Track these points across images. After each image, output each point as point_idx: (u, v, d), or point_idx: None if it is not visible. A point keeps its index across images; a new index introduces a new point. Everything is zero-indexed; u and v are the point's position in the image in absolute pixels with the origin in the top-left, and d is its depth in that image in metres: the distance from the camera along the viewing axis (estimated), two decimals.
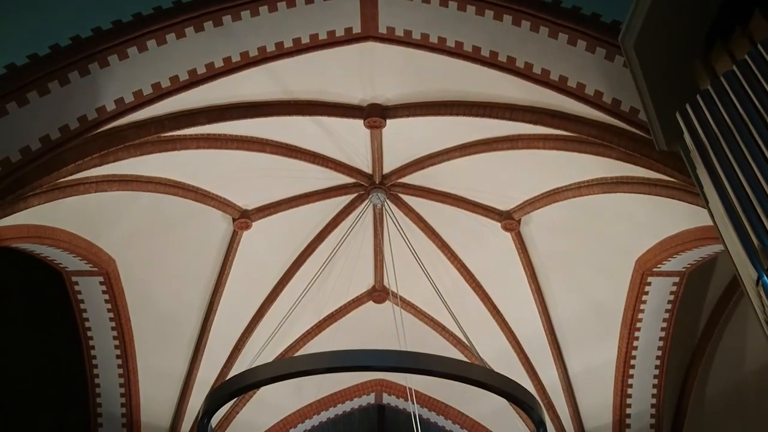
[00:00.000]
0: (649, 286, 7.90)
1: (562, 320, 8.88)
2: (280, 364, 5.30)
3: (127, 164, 6.53)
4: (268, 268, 8.93)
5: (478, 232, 8.61)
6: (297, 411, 10.37)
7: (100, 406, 8.81)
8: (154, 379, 8.97)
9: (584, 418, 9.18)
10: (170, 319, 8.81)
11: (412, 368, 4.90)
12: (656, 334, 8.27)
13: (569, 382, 9.14)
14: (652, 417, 8.80)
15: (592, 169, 6.91)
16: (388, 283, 9.26)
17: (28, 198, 5.67)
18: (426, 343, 9.26)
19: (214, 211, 8.04)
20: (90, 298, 8.21)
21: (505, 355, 9.23)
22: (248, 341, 9.21)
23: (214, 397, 5.17)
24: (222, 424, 9.72)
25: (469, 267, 9.01)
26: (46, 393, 10.16)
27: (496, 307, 9.18)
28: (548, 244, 8.39)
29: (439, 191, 8.27)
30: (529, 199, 7.97)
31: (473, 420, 10.26)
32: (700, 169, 3.27)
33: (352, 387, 10.52)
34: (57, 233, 6.88)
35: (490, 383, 4.94)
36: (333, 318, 9.87)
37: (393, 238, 8.20)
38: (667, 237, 7.24)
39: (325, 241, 8.67)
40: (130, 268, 8.16)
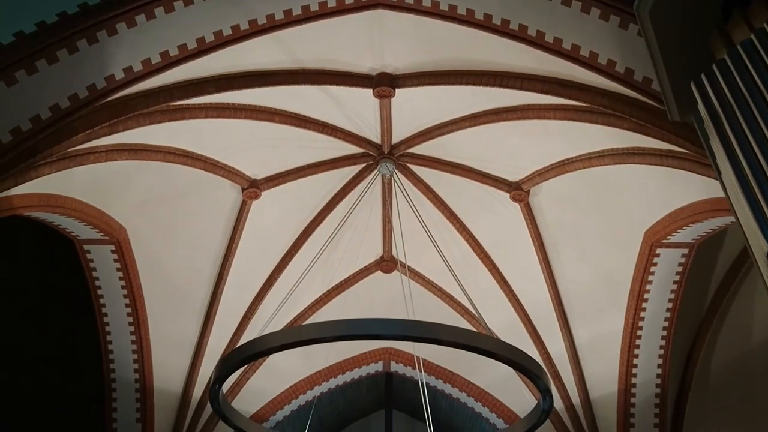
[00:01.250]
0: (657, 257, 7.89)
1: (570, 291, 8.91)
2: (290, 332, 5.37)
3: (136, 133, 6.54)
4: (277, 238, 8.98)
5: (486, 203, 8.59)
6: (306, 378, 10.55)
7: (114, 372, 8.99)
8: (165, 346, 9.12)
9: (590, 387, 9.29)
10: (181, 287, 8.92)
11: (421, 337, 4.96)
12: (663, 306, 8.29)
13: (575, 352, 9.22)
14: (657, 387, 8.88)
15: (602, 139, 6.85)
16: (397, 253, 9.30)
17: (39, 167, 5.70)
18: (433, 312, 9.34)
19: (223, 180, 8.06)
20: (102, 267, 8.30)
21: (512, 325, 9.30)
22: (258, 310, 9.33)
23: (225, 363, 5.26)
24: (233, 389, 9.91)
25: (478, 237, 9.02)
26: (60, 359, 10.37)
27: (503, 278, 9.22)
28: (557, 215, 8.38)
29: (447, 162, 8.24)
30: (538, 170, 7.93)
31: (479, 388, 10.40)
32: (714, 140, 3.23)
33: (361, 355, 10.67)
34: (68, 202, 6.93)
35: (497, 352, 4.99)
36: (341, 287, 9.95)
37: (401, 209, 8.21)
38: (677, 209, 7.20)
39: (334, 211, 8.69)
40: (140, 237, 8.23)
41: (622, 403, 8.96)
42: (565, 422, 9.62)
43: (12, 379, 10.56)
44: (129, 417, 9.12)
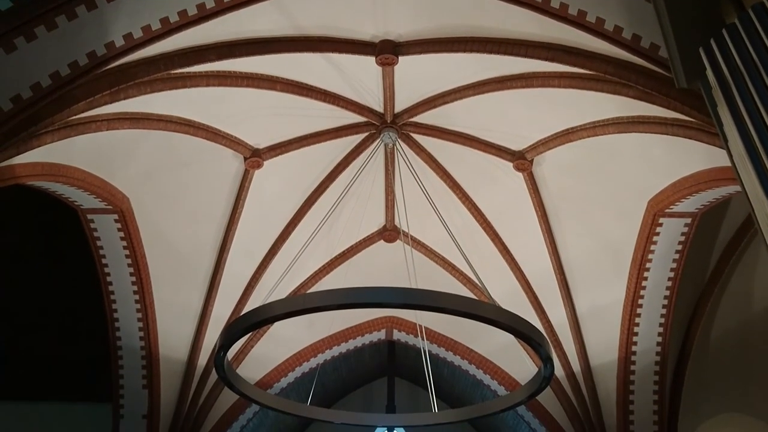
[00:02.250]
0: (660, 227, 7.90)
1: (572, 260, 8.94)
2: (294, 300, 5.41)
3: (137, 102, 6.49)
4: (279, 207, 8.99)
5: (489, 172, 8.56)
6: (309, 346, 10.68)
7: (120, 339, 9.10)
8: (170, 314, 9.21)
9: (590, 355, 9.39)
10: (184, 256, 8.97)
11: (423, 305, 4.99)
12: (665, 275, 8.33)
13: (577, 321, 9.30)
14: (657, 355, 8.99)
15: (607, 108, 6.79)
16: (399, 222, 9.32)
17: (41, 135, 5.68)
18: (436, 281, 9.39)
19: (226, 149, 8.02)
20: (105, 236, 8.33)
21: (514, 294, 9.35)
22: (261, 278, 9.38)
23: (230, 331, 5.31)
24: (237, 357, 10.04)
25: (480, 207, 9.01)
26: (67, 327, 10.50)
27: (506, 247, 9.24)
28: (560, 185, 8.35)
29: (451, 130, 8.17)
30: (542, 139, 7.87)
31: (481, 356, 10.52)
32: (721, 107, 3.19)
33: (364, 323, 10.77)
34: (71, 171, 6.92)
35: (499, 320, 5.02)
36: (344, 257, 9.99)
37: (404, 178, 8.19)
38: (681, 178, 7.18)
39: (337, 181, 8.67)
40: (143, 206, 8.24)
41: (622, 371, 9.07)
42: (565, 389, 9.76)
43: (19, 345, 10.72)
44: (135, 384, 9.27)
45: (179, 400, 9.64)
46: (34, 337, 10.63)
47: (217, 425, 10.03)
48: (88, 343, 10.18)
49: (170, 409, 9.58)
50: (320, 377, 11.81)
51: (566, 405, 9.79)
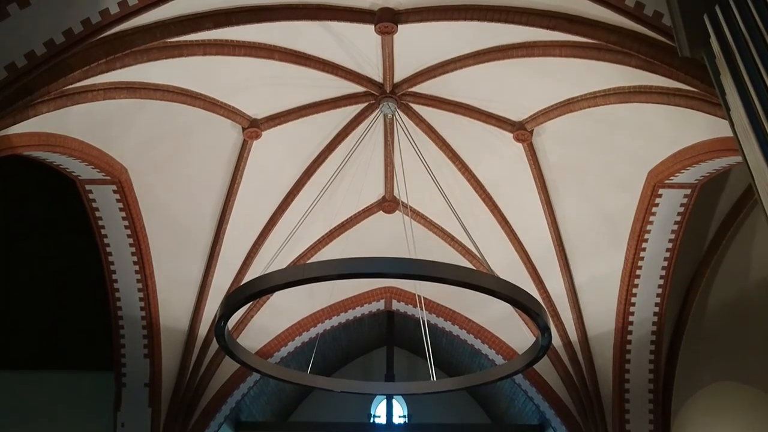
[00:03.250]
0: (659, 198, 7.89)
1: (571, 231, 8.96)
2: (293, 270, 5.42)
3: (134, 71, 6.42)
4: (278, 178, 8.97)
5: (489, 143, 8.52)
6: (309, 316, 10.76)
7: (121, 310, 9.16)
8: (170, 284, 9.26)
9: (587, 325, 9.48)
10: (184, 227, 8.98)
11: (422, 275, 5.00)
12: (664, 246, 8.36)
13: (575, 291, 9.36)
14: (654, 324, 9.07)
15: (609, 78, 6.72)
16: (398, 193, 9.30)
17: (37, 105, 5.63)
18: (435, 252, 9.42)
19: (224, 120, 7.96)
20: (104, 207, 8.32)
21: (512, 265, 9.40)
22: (261, 249, 9.42)
23: (230, 300, 5.34)
24: (237, 327, 10.13)
25: (480, 178, 8.99)
26: (69, 297, 10.56)
27: (505, 218, 9.25)
28: (560, 156, 8.32)
29: (450, 101, 8.10)
30: (542, 110, 7.81)
31: (479, 325, 10.61)
32: (725, 76, 3.16)
33: (363, 294, 10.83)
34: (68, 141, 6.88)
35: (498, 290, 5.05)
36: (343, 227, 10.00)
37: (403, 149, 8.14)
38: (681, 149, 7.15)
39: (336, 151, 8.63)
40: (142, 177, 8.22)
41: (618, 341, 9.17)
42: (562, 359, 9.88)
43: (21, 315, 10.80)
44: (137, 353, 9.36)
45: (180, 369, 9.75)
46: (36, 307, 10.70)
47: (219, 393, 10.17)
48: (89, 313, 10.27)
49: (172, 378, 9.70)
50: (320, 347, 11.93)
51: (563, 374, 9.92)
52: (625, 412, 9.37)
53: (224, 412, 10.31)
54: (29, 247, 10.29)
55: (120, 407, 9.54)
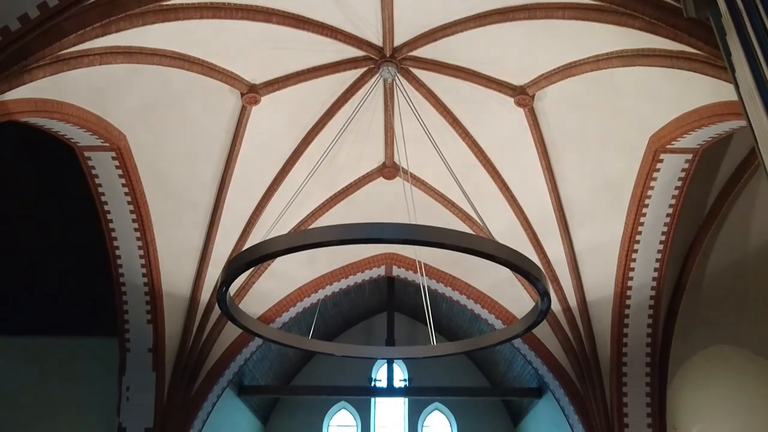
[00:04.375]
0: (661, 163, 7.86)
1: (571, 197, 8.95)
2: (294, 236, 5.44)
3: (130, 35, 6.32)
4: (278, 144, 8.92)
5: (490, 108, 8.44)
6: (310, 282, 10.83)
7: (123, 276, 9.21)
8: (172, 251, 9.29)
9: (587, 290, 9.55)
10: (184, 193, 8.96)
11: (423, 241, 5.01)
12: (664, 211, 8.36)
13: (574, 257, 9.40)
14: (653, 290, 9.13)
15: (611, 41, 6.63)
16: (399, 159, 9.26)
17: (32, 70, 5.56)
18: (435, 218, 9.43)
19: (222, 85, 7.87)
20: (104, 173, 8.29)
21: (512, 230, 9.41)
22: (261, 216, 9.42)
23: (232, 266, 5.36)
24: (239, 293, 10.21)
25: (480, 143, 8.94)
26: (71, 264, 10.62)
27: (505, 184, 9.23)
28: (561, 120, 8.26)
29: (451, 65, 8.00)
30: (544, 73, 7.72)
31: (479, 291, 10.69)
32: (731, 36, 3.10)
33: (363, 260, 10.87)
34: (65, 108, 6.81)
35: (498, 256, 5.06)
36: (344, 194, 9.99)
37: (403, 114, 8.08)
38: (684, 113, 7.08)
39: (335, 117, 8.56)
40: (140, 144, 8.16)
41: (617, 305, 9.24)
42: (561, 323, 9.98)
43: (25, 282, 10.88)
44: (140, 319, 9.45)
45: (183, 335, 9.86)
46: (39, 274, 10.77)
47: (221, 358, 10.30)
48: (92, 280, 10.34)
49: (175, 343, 9.82)
50: (321, 313, 12.04)
51: (562, 338, 10.03)
52: (622, 375, 9.51)
53: (227, 377, 10.47)
54: (30, 214, 10.31)
55: (125, 372, 9.68)
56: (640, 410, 9.49)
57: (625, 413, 9.48)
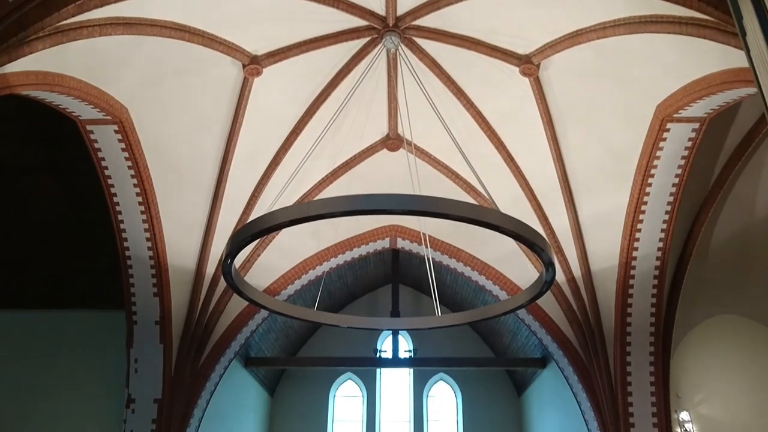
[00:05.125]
0: (667, 132, 7.78)
1: (577, 167, 8.89)
2: (298, 208, 5.41)
3: (130, 6, 6.25)
4: (281, 116, 8.85)
5: (495, 78, 8.34)
6: (315, 254, 10.86)
7: (128, 250, 9.25)
8: (176, 224, 9.31)
9: (591, 260, 9.55)
10: (187, 167, 8.94)
11: (427, 212, 4.98)
12: (670, 180, 8.30)
13: (579, 227, 9.38)
14: (658, 260, 9.12)
15: (618, 7, 6.50)
16: (402, 130, 9.20)
17: (32, 42, 5.50)
18: (439, 190, 9.40)
19: (223, 56, 7.78)
20: (107, 147, 8.26)
21: (517, 201, 9.39)
22: (265, 189, 9.41)
23: (237, 238, 5.35)
24: (244, 266, 10.25)
25: (485, 114, 8.85)
26: (77, 238, 10.66)
27: (510, 155, 9.17)
28: (567, 90, 8.15)
29: (455, 34, 7.87)
30: (549, 42, 7.59)
31: (484, 262, 10.70)
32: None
33: (368, 232, 10.87)
34: (66, 80, 6.75)
35: (503, 226, 5.03)
36: (347, 166, 9.94)
37: (407, 85, 7.99)
38: (692, 81, 6.97)
39: (338, 88, 8.47)
40: (143, 117, 8.11)
41: (622, 275, 9.25)
42: (565, 294, 10.01)
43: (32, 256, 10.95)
44: (147, 292, 9.52)
45: (190, 308, 9.94)
46: (46, 247, 10.83)
47: (228, 330, 10.40)
48: (99, 253, 10.39)
49: (182, 316, 9.90)
50: (326, 285, 12.11)
51: (566, 309, 10.07)
52: (626, 344, 9.57)
53: (234, 348, 10.58)
54: (34, 188, 10.32)
55: (132, 344, 9.78)
56: (644, 379, 9.57)
57: (628, 382, 9.56)
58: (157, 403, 9.72)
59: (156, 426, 9.64)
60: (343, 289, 15.50)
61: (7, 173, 10.10)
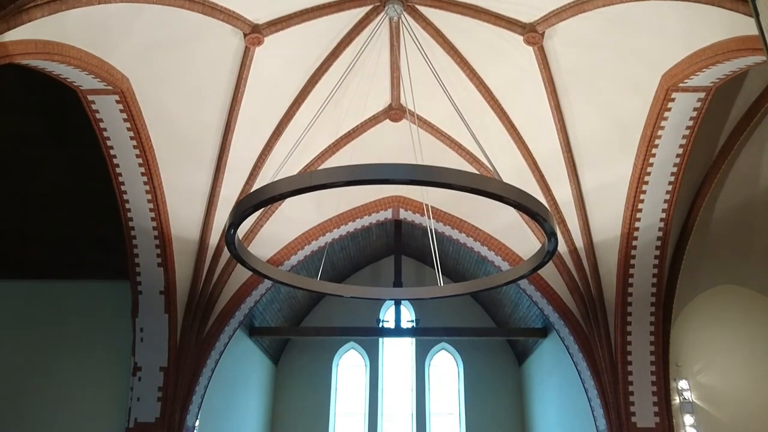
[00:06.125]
0: (672, 102, 7.70)
1: (580, 137, 8.85)
2: (301, 177, 5.38)
3: None
4: (283, 86, 8.79)
5: (498, 47, 8.24)
6: (317, 225, 10.89)
7: (132, 220, 9.27)
8: (179, 195, 9.32)
9: (594, 231, 9.56)
10: (189, 137, 8.91)
11: (430, 181, 4.96)
12: (674, 151, 8.25)
13: (582, 198, 9.38)
14: (660, 230, 9.13)
15: None
16: (405, 101, 9.13)
17: (30, 9, 5.45)
18: (442, 161, 9.39)
19: (224, 25, 7.69)
20: (108, 117, 8.22)
21: (520, 172, 9.37)
22: (267, 159, 9.40)
23: (239, 208, 5.36)
24: (247, 236, 10.29)
25: (488, 84, 8.78)
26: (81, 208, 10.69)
27: (513, 125, 9.12)
28: (571, 59, 8.06)
29: (459, 2, 7.76)
30: (554, 10, 7.47)
31: (486, 233, 10.71)
32: None
33: (370, 203, 10.88)
34: (66, 49, 6.69)
35: (505, 195, 5.03)
36: (350, 136, 9.91)
37: (410, 54, 7.91)
38: (698, 49, 6.88)
39: (340, 58, 8.39)
40: (144, 87, 8.06)
41: (624, 246, 9.27)
42: (567, 264, 10.05)
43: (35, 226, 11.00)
44: (151, 262, 9.58)
45: (194, 277, 10.02)
46: (49, 217, 10.88)
47: (232, 300, 10.49)
48: (103, 224, 10.44)
49: (186, 286, 9.98)
50: (329, 256, 12.17)
51: (567, 279, 10.12)
52: (627, 314, 9.63)
53: (238, 318, 10.68)
54: (36, 158, 10.31)
55: (138, 314, 9.89)
56: (644, 349, 9.66)
57: (628, 351, 9.66)
58: (163, 371, 9.87)
59: (162, 393, 9.81)
60: (345, 260, 15.57)
61: (9, 143, 10.07)
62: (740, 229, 9.99)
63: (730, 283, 10.59)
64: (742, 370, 10.12)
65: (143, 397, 9.80)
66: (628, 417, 9.51)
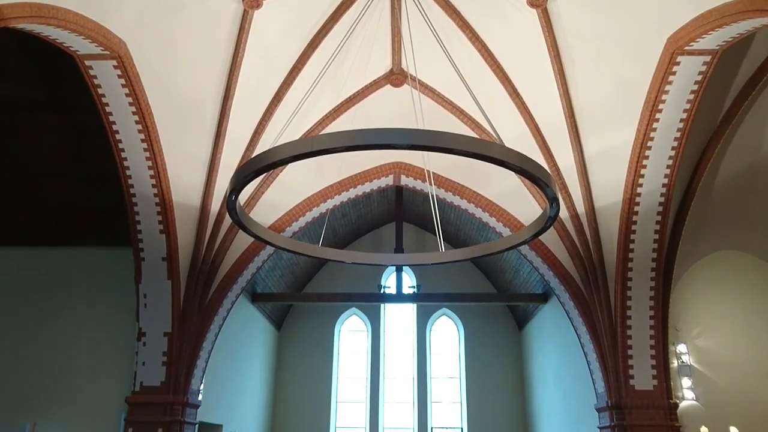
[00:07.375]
0: (677, 65, 7.58)
1: (583, 102, 8.75)
2: (302, 143, 5.34)
3: None
4: (282, 51, 8.67)
5: (501, 9, 8.10)
6: (318, 192, 10.86)
7: (133, 187, 9.25)
8: (180, 161, 9.27)
9: (595, 196, 9.54)
10: (189, 103, 8.82)
11: (431, 146, 4.93)
12: (678, 116, 8.17)
13: (584, 164, 9.33)
14: (662, 196, 9.09)
15: None
16: (406, 65, 9.02)
17: None
18: (444, 126, 9.24)
19: None
20: (106, 83, 8.12)
21: (522, 137, 9.30)
22: (268, 125, 9.34)
23: (240, 174, 5.34)
24: (249, 203, 10.29)
25: (491, 48, 8.65)
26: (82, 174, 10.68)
27: (515, 90, 9.02)
28: (576, 22, 7.92)
29: None
30: None
31: (487, 199, 10.69)
32: None
33: (372, 169, 10.83)
34: (62, 13, 6.57)
35: (507, 160, 4.99)
36: (350, 102, 9.82)
37: (411, 18, 7.77)
38: (704, 11, 6.74)
39: (341, 21, 8.26)
40: (142, 52, 7.94)
41: (625, 212, 9.25)
42: (568, 230, 10.06)
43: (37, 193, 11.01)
44: (153, 229, 9.59)
45: (196, 244, 10.05)
46: (51, 185, 10.87)
47: (234, 267, 10.54)
48: (104, 191, 10.44)
49: (188, 252, 10.02)
50: (330, 223, 12.18)
51: (568, 245, 10.14)
52: (627, 279, 9.68)
53: (240, 284, 10.76)
54: (35, 124, 10.25)
55: (141, 280, 9.95)
56: (643, 313, 9.73)
57: (628, 316, 9.73)
58: (167, 337, 9.99)
59: (167, 358, 9.94)
60: (347, 226, 15.62)
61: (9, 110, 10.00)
62: (742, 194, 9.97)
63: (731, 248, 10.63)
64: (740, 334, 10.24)
65: (148, 361, 9.95)
66: (626, 380, 9.65)
